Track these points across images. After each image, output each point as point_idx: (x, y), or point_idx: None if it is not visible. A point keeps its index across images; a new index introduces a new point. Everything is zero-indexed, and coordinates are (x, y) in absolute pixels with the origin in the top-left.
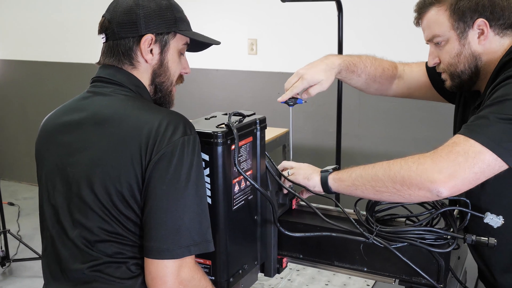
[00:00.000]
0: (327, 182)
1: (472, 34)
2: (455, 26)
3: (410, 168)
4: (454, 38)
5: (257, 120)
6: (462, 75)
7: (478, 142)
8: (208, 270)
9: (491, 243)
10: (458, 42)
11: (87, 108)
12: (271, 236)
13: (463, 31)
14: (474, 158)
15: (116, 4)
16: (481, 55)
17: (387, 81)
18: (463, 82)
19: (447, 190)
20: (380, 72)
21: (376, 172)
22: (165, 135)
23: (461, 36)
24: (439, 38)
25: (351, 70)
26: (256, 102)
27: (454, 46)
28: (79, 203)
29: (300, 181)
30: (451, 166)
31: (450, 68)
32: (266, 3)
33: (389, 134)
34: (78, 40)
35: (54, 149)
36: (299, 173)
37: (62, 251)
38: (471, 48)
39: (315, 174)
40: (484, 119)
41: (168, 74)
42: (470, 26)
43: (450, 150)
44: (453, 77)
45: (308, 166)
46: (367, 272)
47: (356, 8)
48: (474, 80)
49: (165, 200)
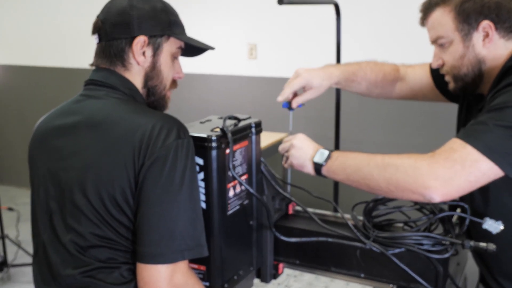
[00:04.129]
0: (321, 173)
1: (476, 36)
2: (459, 28)
3: (406, 172)
4: (458, 40)
5: (252, 124)
6: (466, 77)
7: (476, 148)
8: (202, 275)
9: (490, 248)
10: (462, 44)
11: (80, 112)
12: (267, 241)
13: (467, 33)
14: (471, 167)
15: (110, 5)
16: (485, 58)
17: (389, 85)
18: (467, 85)
19: (440, 197)
20: (381, 77)
21: (371, 171)
22: (159, 139)
23: (465, 38)
24: (443, 39)
25: (351, 80)
26: (256, 107)
27: (458, 48)
28: (72, 208)
29: (294, 166)
30: (448, 173)
31: (453, 70)
32: (265, 8)
33: (388, 139)
34: (77, 46)
35: (47, 153)
36: (293, 157)
37: (53, 256)
38: (475, 51)
39: (308, 162)
40: (482, 125)
41: (160, 77)
42: (474, 28)
43: (448, 156)
44: (457, 79)
45: (302, 145)
46: (365, 278)
47: (354, 12)
48: (477, 83)
49: (158, 204)
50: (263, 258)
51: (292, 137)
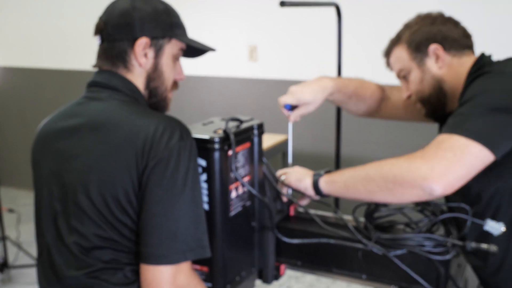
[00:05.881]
0: (318, 184)
1: (429, 61)
2: (413, 57)
3: (402, 166)
4: (415, 67)
5: (254, 125)
6: (431, 98)
7: (461, 135)
8: (205, 276)
9: (491, 250)
10: (419, 69)
11: (82, 114)
12: (269, 242)
13: (420, 60)
14: (462, 152)
15: (112, 6)
16: (443, 77)
17: (375, 103)
18: (434, 106)
19: (441, 187)
20: (369, 94)
21: (368, 172)
22: (161, 141)
23: (420, 63)
24: (403, 71)
25: (343, 92)
26: (257, 109)
27: (416, 74)
28: (75, 209)
29: (292, 183)
30: (441, 162)
31: (418, 95)
32: (266, 10)
33: (389, 141)
34: (78, 47)
35: (50, 155)
36: (291, 175)
37: (57, 257)
38: (431, 73)
39: (307, 176)
40: (460, 115)
41: (162, 79)
42: (426, 54)
43: (437, 147)
44: (424, 102)
45: (301, 169)
46: (366, 279)
47: (355, 14)
48: (444, 102)
49: (161, 205)
50: (265, 259)
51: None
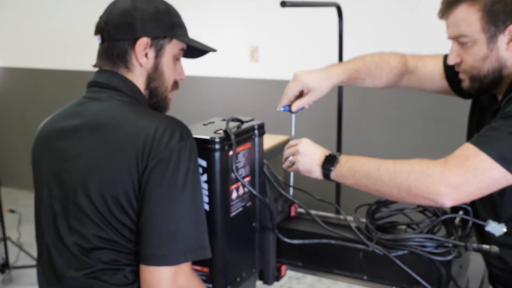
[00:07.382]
0: (329, 178)
1: (502, 39)
2: (485, 29)
3: (418, 179)
4: (483, 41)
5: (255, 126)
6: (484, 79)
7: (489, 155)
8: (205, 277)
9: (493, 251)
10: (487, 46)
11: (83, 114)
12: (270, 243)
13: (493, 35)
14: (483, 175)
15: (113, 5)
16: (507, 61)
17: (395, 78)
18: (483, 86)
19: (452, 202)
20: (386, 71)
21: (381, 176)
22: (162, 141)
23: (491, 40)
24: (466, 38)
25: (354, 77)
26: (258, 109)
27: (481, 49)
28: (76, 210)
29: (300, 171)
30: (459, 181)
31: (472, 71)
32: (267, 10)
33: (391, 142)
34: (78, 48)
35: (50, 155)
36: (299, 162)
37: (57, 258)
38: (499, 54)
39: (316, 167)
40: (496, 131)
41: (162, 79)
42: (501, 31)
43: (461, 164)
44: (474, 80)
45: (310, 147)
46: (367, 280)
47: (356, 14)
48: (494, 86)
49: (162, 205)
50: (265, 260)
51: (297, 142)
